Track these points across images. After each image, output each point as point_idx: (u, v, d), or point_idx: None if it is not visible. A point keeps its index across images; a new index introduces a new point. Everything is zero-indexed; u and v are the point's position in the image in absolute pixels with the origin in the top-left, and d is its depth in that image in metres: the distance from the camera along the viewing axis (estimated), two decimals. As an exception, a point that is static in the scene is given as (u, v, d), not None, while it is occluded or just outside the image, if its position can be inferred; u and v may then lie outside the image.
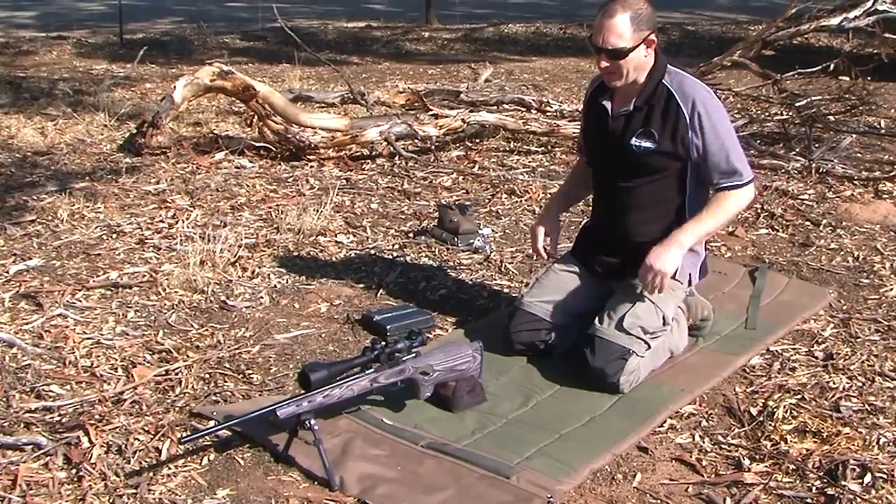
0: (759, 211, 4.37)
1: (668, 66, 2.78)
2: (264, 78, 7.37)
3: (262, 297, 3.37)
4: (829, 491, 2.21)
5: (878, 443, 2.42)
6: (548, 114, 5.97)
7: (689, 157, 2.74)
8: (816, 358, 2.93)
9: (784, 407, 2.58)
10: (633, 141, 2.77)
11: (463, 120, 5.54)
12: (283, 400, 2.29)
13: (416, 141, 5.46)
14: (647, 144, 2.75)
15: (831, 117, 5.74)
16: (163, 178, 4.82)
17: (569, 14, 13.05)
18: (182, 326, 3.12)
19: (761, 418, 2.55)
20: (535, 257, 3.10)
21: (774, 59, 6.34)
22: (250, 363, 2.88)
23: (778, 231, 4.15)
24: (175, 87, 5.25)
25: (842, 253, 3.86)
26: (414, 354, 2.52)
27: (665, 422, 2.55)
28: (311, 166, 5.14)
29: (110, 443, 2.40)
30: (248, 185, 4.73)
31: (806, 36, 7.21)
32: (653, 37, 2.70)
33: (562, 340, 2.88)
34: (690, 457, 2.39)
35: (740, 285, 3.49)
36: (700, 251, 2.93)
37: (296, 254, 3.81)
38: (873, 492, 2.20)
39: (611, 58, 2.69)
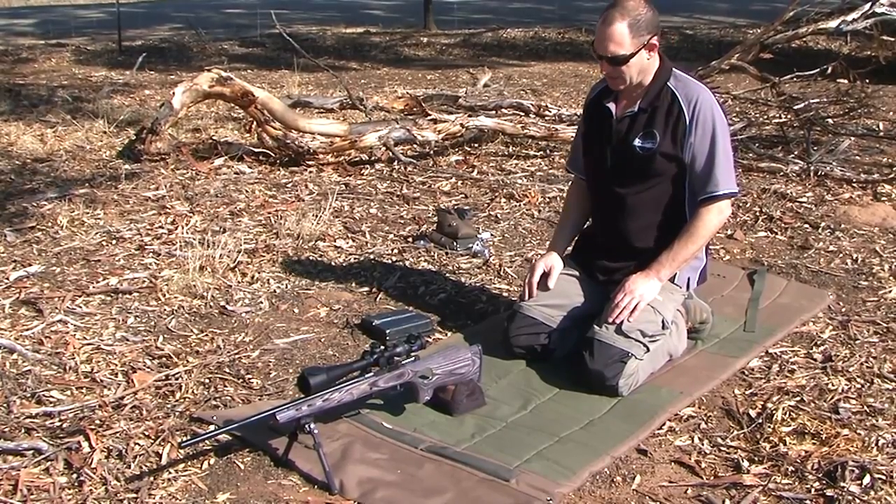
0: (757, 214, 4.38)
1: (674, 69, 2.80)
2: (263, 84, 7.39)
3: (261, 302, 3.38)
4: (829, 492, 2.21)
5: (877, 444, 2.42)
6: (546, 118, 5.99)
7: (685, 160, 2.76)
8: (815, 360, 2.93)
9: (783, 409, 2.58)
10: (636, 142, 2.79)
11: (462, 125, 5.55)
12: (283, 404, 2.29)
13: (415, 146, 5.47)
14: (649, 145, 2.77)
15: (830, 120, 5.74)
16: (162, 184, 4.83)
17: (567, 19, 13.09)
18: (182, 332, 3.13)
19: (760, 420, 2.55)
20: (524, 289, 2.96)
21: (773, 63, 6.33)
22: (250, 368, 2.89)
23: (777, 234, 4.15)
24: (174, 93, 5.26)
25: (840, 255, 3.86)
26: (413, 358, 2.52)
27: (664, 424, 2.55)
28: (310, 172, 5.15)
29: (111, 447, 2.40)
30: (247, 191, 4.74)
31: (804, 39, 7.23)
32: (655, 40, 2.72)
33: (561, 344, 2.88)
34: (689, 459, 2.39)
35: (739, 288, 3.50)
36: (701, 256, 2.93)
37: (295, 259, 3.82)
38: (872, 493, 2.20)
39: (612, 65, 2.72)
